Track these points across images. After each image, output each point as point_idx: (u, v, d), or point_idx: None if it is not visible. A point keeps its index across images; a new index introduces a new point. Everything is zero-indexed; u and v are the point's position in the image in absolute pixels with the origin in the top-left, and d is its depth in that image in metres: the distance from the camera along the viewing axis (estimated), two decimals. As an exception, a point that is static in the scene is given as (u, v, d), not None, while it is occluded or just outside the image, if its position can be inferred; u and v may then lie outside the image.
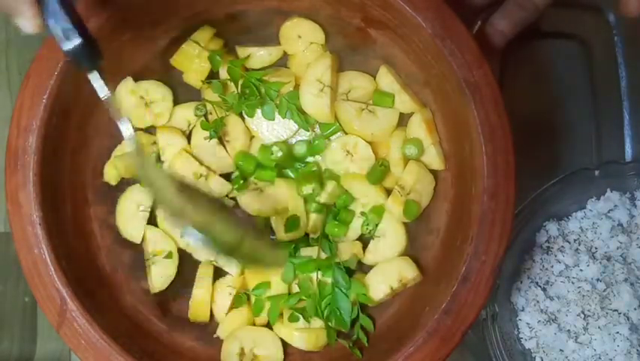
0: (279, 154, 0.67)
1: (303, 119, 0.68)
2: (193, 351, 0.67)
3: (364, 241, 0.68)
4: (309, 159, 0.69)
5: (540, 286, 0.73)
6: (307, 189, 0.67)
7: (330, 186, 0.67)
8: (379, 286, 0.66)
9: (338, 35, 0.69)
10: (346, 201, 0.68)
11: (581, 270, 0.72)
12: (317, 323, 0.66)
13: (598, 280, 0.72)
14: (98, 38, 0.53)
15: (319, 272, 0.66)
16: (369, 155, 0.68)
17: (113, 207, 0.68)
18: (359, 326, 0.66)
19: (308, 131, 0.69)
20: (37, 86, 0.60)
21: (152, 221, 0.68)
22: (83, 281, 0.62)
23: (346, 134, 0.68)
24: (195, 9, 0.67)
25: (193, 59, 0.68)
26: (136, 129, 0.69)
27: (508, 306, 0.74)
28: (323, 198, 0.67)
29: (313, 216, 0.67)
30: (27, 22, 0.50)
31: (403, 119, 0.68)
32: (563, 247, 0.73)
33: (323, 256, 0.67)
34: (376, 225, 0.67)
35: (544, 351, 0.72)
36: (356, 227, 0.68)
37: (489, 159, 0.59)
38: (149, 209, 0.68)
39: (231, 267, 0.68)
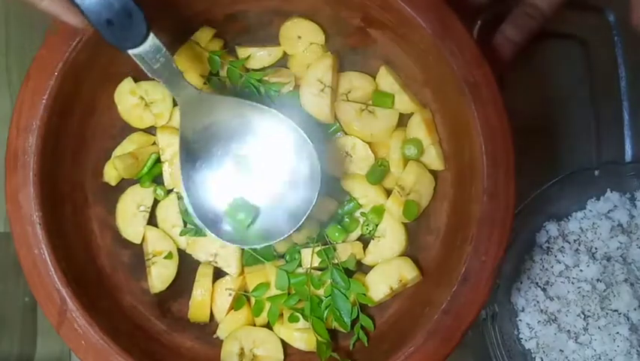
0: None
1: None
2: (193, 351, 0.67)
3: (364, 241, 0.68)
4: None
5: (540, 287, 0.73)
6: None
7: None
8: (379, 286, 0.66)
9: (338, 35, 0.69)
10: (354, 208, 0.68)
11: (581, 270, 0.72)
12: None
13: (598, 280, 0.72)
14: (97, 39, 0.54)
15: (317, 273, 0.66)
16: (367, 155, 0.68)
17: (113, 207, 0.68)
18: (359, 326, 0.66)
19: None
20: (37, 86, 0.60)
21: (152, 221, 0.68)
22: (82, 281, 0.62)
23: (346, 134, 0.68)
24: (195, 9, 0.67)
25: (193, 59, 0.68)
26: (135, 130, 0.69)
27: (508, 306, 0.74)
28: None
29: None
30: (72, 20, 0.55)
31: (403, 120, 0.68)
32: (563, 247, 0.73)
33: (316, 262, 0.66)
34: (376, 225, 0.67)
35: (544, 351, 0.72)
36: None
37: (489, 159, 0.59)
38: (149, 209, 0.68)
39: (230, 268, 0.68)
